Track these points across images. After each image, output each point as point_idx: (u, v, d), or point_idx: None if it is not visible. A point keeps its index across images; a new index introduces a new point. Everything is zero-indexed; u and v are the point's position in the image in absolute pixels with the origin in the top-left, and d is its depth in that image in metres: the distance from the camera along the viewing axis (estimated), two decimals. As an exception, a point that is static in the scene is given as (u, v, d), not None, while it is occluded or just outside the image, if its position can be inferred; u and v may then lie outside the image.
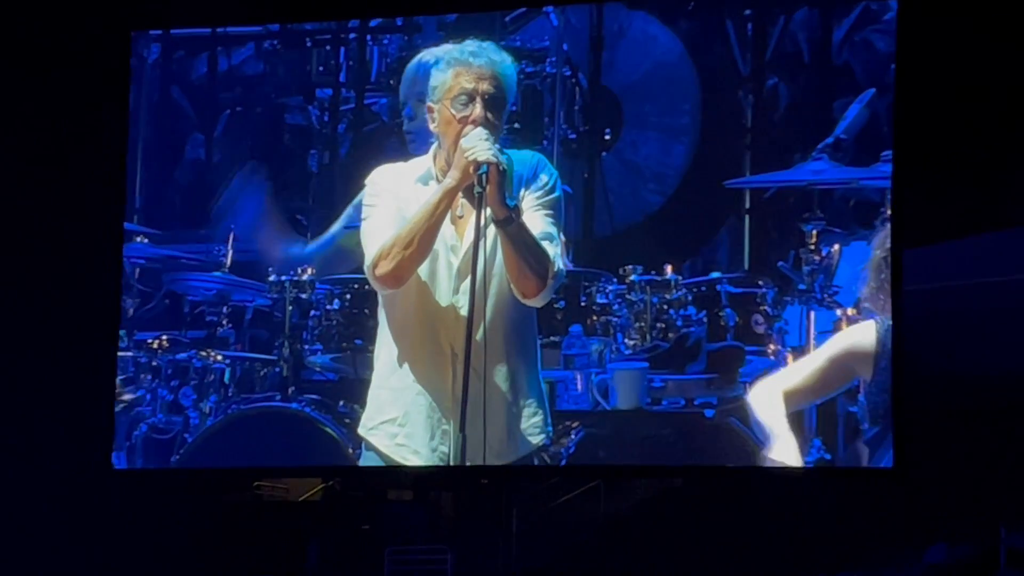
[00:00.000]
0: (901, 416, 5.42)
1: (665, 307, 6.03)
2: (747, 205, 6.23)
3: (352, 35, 6.63)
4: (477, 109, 4.82)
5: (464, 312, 4.82)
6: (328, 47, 6.60)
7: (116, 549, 6.14)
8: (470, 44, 4.94)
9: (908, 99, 5.62)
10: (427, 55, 5.81)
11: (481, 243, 4.76)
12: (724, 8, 6.30)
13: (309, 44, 6.62)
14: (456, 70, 4.87)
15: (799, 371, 5.65)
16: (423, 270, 4.95)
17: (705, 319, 6.01)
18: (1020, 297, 5.55)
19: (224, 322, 6.44)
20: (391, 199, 4.96)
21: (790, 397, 5.63)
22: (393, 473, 5.37)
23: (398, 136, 6.25)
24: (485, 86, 4.85)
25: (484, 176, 4.71)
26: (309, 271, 6.25)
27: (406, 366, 5.06)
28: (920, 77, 5.62)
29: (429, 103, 4.92)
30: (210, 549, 6.08)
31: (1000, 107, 5.54)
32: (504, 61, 4.93)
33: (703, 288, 6.08)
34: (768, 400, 5.59)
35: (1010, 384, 5.42)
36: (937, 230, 5.59)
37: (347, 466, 5.64)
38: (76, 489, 6.22)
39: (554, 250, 4.84)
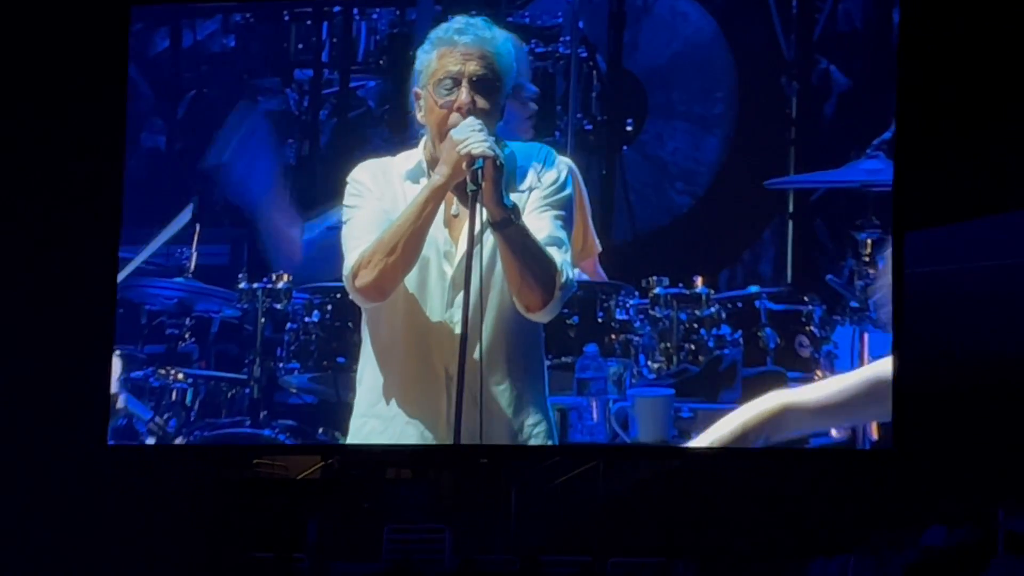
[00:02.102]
0: (901, 398, 5.41)
1: (695, 325, 5.85)
2: (791, 209, 6.01)
3: (337, 8, 6.39)
4: (463, 94, 4.59)
5: (460, 329, 4.57)
6: (309, 21, 6.37)
7: (114, 526, 6.12)
8: (458, 20, 4.72)
9: (911, 80, 5.62)
10: None
11: (477, 248, 4.58)
12: None
13: (287, 18, 6.39)
14: (441, 51, 4.65)
15: (822, 387, 5.42)
16: (412, 280, 4.70)
17: (741, 340, 5.82)
18: (1021, 281, 5.61)
19: (186, 335, 6.25)
20: (375, 199, 4.73)
21: (797, 414, 5.34)
22: (392, 452, 5.33)
23: (387, 125, 6.13)
24: (472, 67, 4.62)
25: (479, 172, 4.48)
26: (285, 278, 6.09)
27: (394, 391, 4.82)
28: (924, 58, 5.62)
29: (416, 89, 4.70)
30: (209, 526, 6.07)
31: (1004, 90, 5.59)
32: (496, 38, 4.68)
33: (739, 304, 5.88)
34: (750, 408, 5.36)
35: (1010, 367, 5.48)
36: (940, 213, 5.63)
37: (346, 444, 5.36)
38: (72, 466, 6.20)
39: (562, 257, 4.60)
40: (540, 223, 4.65)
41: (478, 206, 4.54)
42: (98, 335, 6.20)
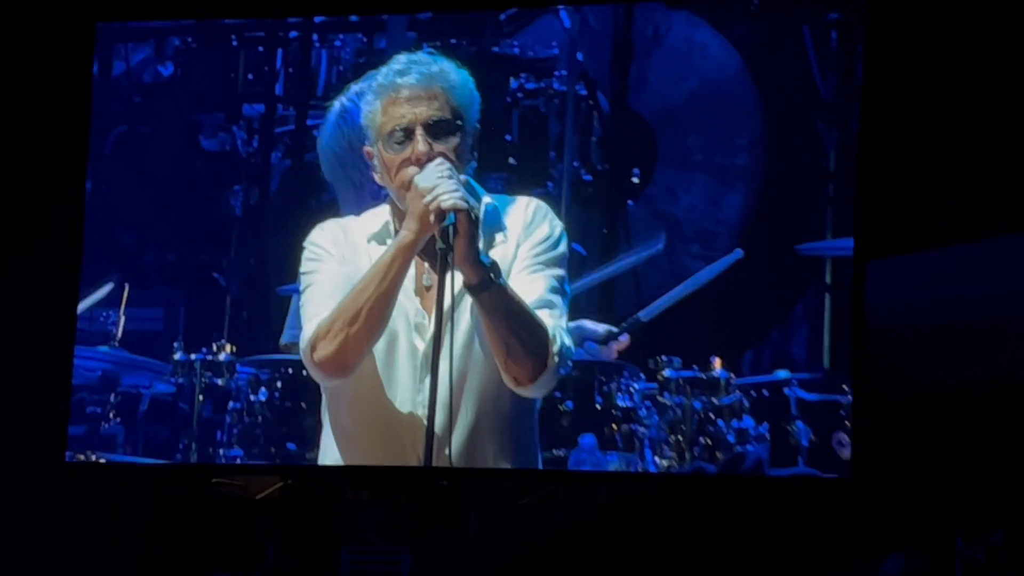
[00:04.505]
0: (859, 426, 5.46)
1: (712, 415, 5.64)
2: (828, 279, 5.78)
3: (293, 33, 6.24)
4: (418, 145, 4.39)
5: (435, 419, 4.37)
6: (261, 48, 6.20)
7: (68, 545, 6.07)
8: (398, 60, 4.53)
9: (876, 109, 5.55)
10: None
11: (453, 320, 4.36)
12: (799, 8, 5.89)
13: (235, 43, 6.22)
14: (384, 100, 4.47)
15: None
16: (379, 357, 4.47)
17: (768, 434, 5.62)
18: (984, 311, 5.61)
19: (111, 415, 6.02)
20: (335, 262, 4.54)
21: None
22: (352, 473, 5.40)
23: None
24: (423, 111, 4.42)
25: (451, 229, 4.26)
26: (228, 348, 5.91)
27: (360, 486, 4.97)
28: (888, 86, 5.56)
29: (366, 147, 4.53)
30: (166, 545, 6.04)
31: (969, 119, 5.54)
32: (445, 70, 4.48)
33: (765, 391, 5.67)
34: None
35: (969, 396, 5.48)
36: (902, 242, 5.60)
37: (305, 465, 5.63)
38: (26, 482, 6.13)
39: (555, 321, 4.40)
40: (531, 285, 4.46)
41: (449, 271, 4.31)
42: (57, 344, 6.08)
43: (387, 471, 4.76)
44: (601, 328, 5.67)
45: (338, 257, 4.53)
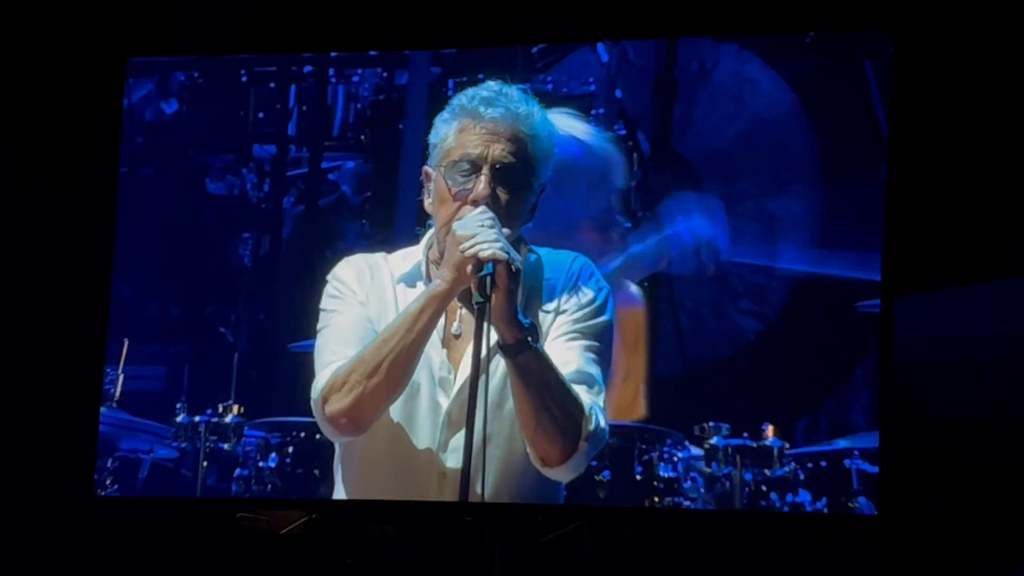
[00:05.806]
0: (886, 463, 5.42)
1: (764, 488, 5.52)
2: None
3: (308, 68, 6.16)
4: (480, 185, 4.25)
5: (453, 479, 4.29)
6: (273, 84, 6.13)
7: None
8: (487, 87, 4.39)
9: (902, 150, 5.48)
10: None
11: (482, 378, 4.17)
12: (859, 42, 5.68)
13: (245, 79, 6.15)
14: (462, 123, 4.33)
15: None
16: (397, 412, 4.34)
17: (826, 510, 5.49)
18: (1012, 348, 5.52)
19: (108, 482, 5.95)
20: (357, 303, 4.40)
21: None
22: (376, 508, 5.13)
23: (367, 217, 5.96)
24: (498, 151, 4.28)
25: (488, 279, 4.12)
26: (235, 410, 5.85)
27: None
28: (915, 124, 5.49)
29: (426, 167, 4.38)
30: None
31: (997, 156, 5.49)
32: (533, 115, 4.34)
33: (823, 463, 5.52)
34: None
35: (998, 435, 5.43)
36: (930, 279, 5.54)
37: (328, 499, 5.27)
38: (51, 517, 6.12)
39: (592, 399, 4.27)
40: (567, 354, 4.31)
41: (485, 323, 4.13)
42: (85, 381, 6.04)
43: (412, 506, 4.64)
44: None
45: (362, 297, 4.40)
